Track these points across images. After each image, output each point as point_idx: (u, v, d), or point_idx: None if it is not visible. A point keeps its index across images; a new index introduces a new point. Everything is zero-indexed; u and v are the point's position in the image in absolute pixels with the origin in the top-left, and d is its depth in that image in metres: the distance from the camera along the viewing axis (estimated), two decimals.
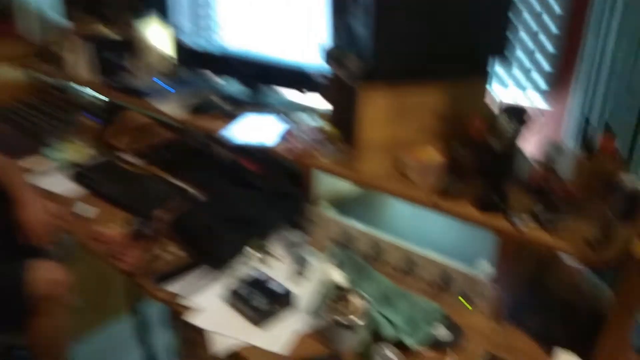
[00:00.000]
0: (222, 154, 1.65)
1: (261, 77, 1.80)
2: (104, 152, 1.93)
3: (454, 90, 1.28)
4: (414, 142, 1.30)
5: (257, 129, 1.61)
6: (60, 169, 1.82)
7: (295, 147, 1.45)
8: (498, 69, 1.82)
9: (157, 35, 2.08)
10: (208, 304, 1.19)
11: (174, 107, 1.80)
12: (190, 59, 2.02)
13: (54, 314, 1.48)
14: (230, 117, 1.69)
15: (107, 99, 2.14)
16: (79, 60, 2.13)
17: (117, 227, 1.47)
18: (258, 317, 1.13)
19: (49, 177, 1.77)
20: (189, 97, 1.84)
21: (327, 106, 1.57)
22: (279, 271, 1.31)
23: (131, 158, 1.88)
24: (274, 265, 1.34)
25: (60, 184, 1.73)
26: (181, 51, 2.04)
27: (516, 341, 1.10)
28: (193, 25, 2.44)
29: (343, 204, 1.46)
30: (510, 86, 1.82)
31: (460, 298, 1.20)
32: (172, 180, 1.71)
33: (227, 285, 1.23)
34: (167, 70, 2.08)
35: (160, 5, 2.16)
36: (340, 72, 1.37)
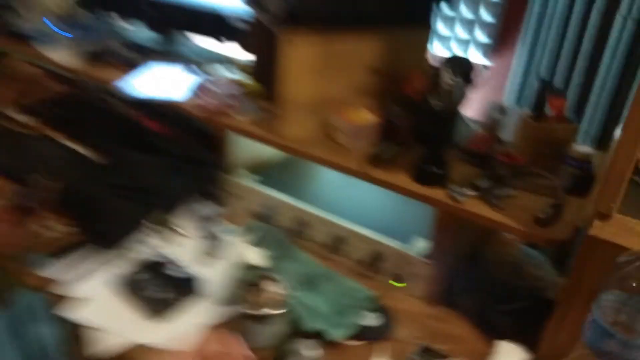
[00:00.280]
0: (123, 111, 1.39)
1: (173, 22, 1.55)
2: None
3: (392, 41, 1.11)
4: (344, 101, 1.13)
5: (164, 82, 1.37)
6: None
7: (208, 103, 1.23)
8: (439, 24, 1.68)
9: None
10: (93, 292, 0.97)
11: (67, 55, 1.52)
12: None
13: None
14: (133, 67, 1.43)
15: None
16: None
17: None
18: (154, 308, 0.94)
19: None
20: (87, 43, 1.55)
21: (247, 57, 1.35)
22: (186, 251, 1.11)
23: (15, 115, 1.58)
24: (180, 245, 1.14)
25: None
26: None
27: (454, 328, 0.98)
28: None
29: (264, 172, 1.27)
30: (451, 43, 1.68)
31: (391, 281, 1.06)
32: (64, 141, 1.44)
33: (118, 269, 1.02)
34: (63, 11, 1.76)
35: None
36: (261, 15, 1.16)
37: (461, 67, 0.93)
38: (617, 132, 1.08)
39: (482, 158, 1.06)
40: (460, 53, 1.67)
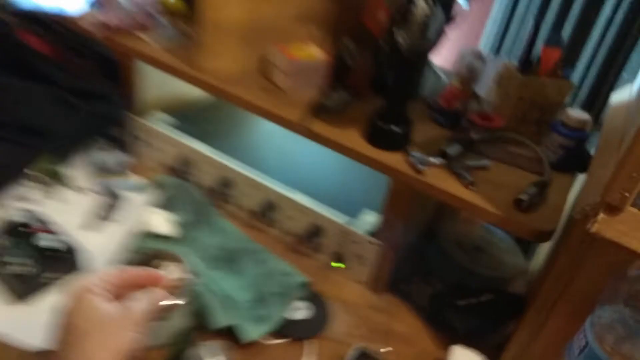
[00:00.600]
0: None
1: None
2: None
3: None
4: (287, 31, 0.88)
5: None
6: None
7: (111, 21, 0.95)
8: None
9: None
10: None
11: None
12: None
13: None
14: None
15: None
16: None
17: None
18: (16, 288, 0.70)
19: None
20: None
21: None
22: (73, 211, 0.86)
23: None
24: (68, 201, 0.89)
25: None
26: None
27: (400, 324, 0.80)
28: None
29: (183, 116, 1.02)
30: None
31: (332, 262, 0.87)
32: None
33: None
34: None
35: None
36: None
37: None
38: (614, 97, 0.90)
39: (452, 118, 0.86)
40: None
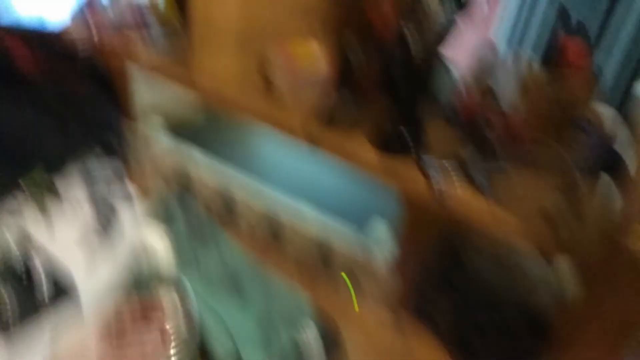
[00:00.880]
0: None
1: None
2: None
3: None
4: (287, 31, 0.81)
5: None
6: None
7: (99, 30, 0.89)
8: None
9: None
10: None
11: None
12: None
13: None
14: None
15: None
16: None
17: None
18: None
19: None
20: None
21: None
22: (69, 225, 0.81)
23: None
24: (64, 214, 0.83)
25: None
26: None
27: (420, 351, 0.74)
28: None
29: (183, 126, 0.96)
30: None
31: (345, 276, 0.80)
32: None
33: None
34: None
35: None
36: None
37: None
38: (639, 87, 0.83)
39: (467, 116, 0.79)
40: None
